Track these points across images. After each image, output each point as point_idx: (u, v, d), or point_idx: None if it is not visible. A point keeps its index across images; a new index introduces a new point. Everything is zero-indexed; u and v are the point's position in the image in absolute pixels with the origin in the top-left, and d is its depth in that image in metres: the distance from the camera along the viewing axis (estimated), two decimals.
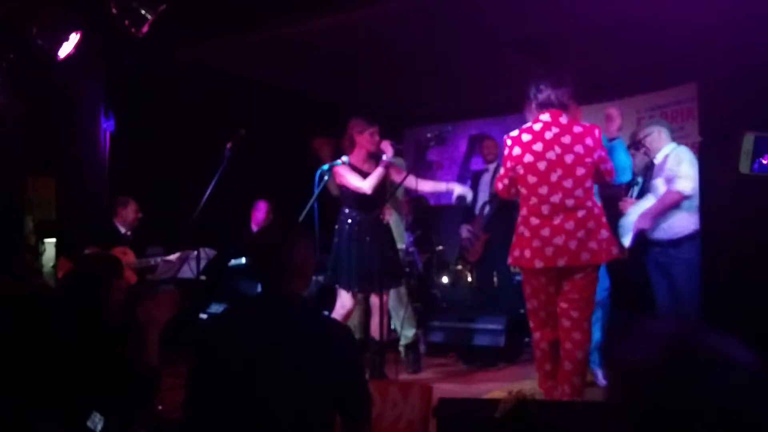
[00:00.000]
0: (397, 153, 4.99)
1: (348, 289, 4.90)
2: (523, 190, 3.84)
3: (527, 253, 3.78)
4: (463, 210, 6.59)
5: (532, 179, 3.80)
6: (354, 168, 4.94)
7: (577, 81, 7.00)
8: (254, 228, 6.59)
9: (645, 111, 7.10)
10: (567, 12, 5.19)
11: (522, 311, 4.43)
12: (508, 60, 6.36)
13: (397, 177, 4.99)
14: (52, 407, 2.12)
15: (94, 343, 2.20)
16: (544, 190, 3.77)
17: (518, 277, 5.77)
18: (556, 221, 3.75)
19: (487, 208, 6.32)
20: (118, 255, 5.49)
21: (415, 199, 7.41)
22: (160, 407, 3.62)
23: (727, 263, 3.90)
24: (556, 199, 3.75)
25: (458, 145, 8.80)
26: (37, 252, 6.77)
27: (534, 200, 3.79)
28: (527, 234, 3.79)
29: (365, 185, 4.84)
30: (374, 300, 4.93)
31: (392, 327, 5.50)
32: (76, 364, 2.16)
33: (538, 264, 3.76)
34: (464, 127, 8.68)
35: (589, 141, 3.81)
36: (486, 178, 6.52)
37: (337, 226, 5.03)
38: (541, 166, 3.78)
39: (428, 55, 6.28)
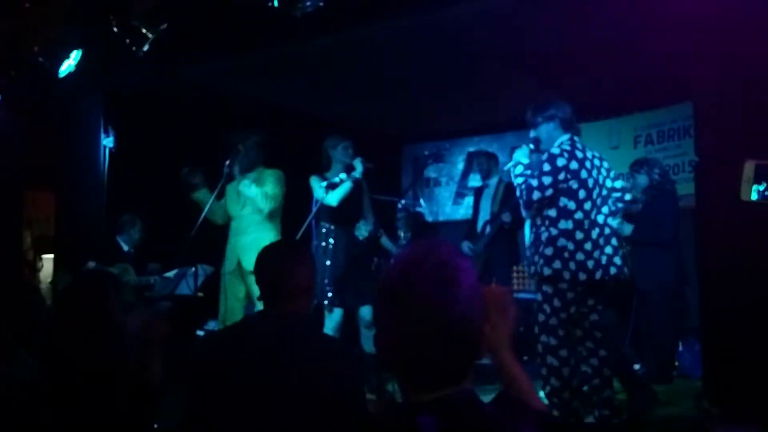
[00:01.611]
0: (368, 171, 4.98)
1: (323, 301, 4.87)
2: (571, 205, 3.87)
3: (572, 266, 3.82)
4: (467, 227, 6.61)
5: (582, 194, 3.89)
6: (331, 184, 4.92)
7: (574, 99, 7.08)
8: None
9: (642, 129, 7.13)
10: (564, 31, 5.23)
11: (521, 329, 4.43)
12: (506, 78, 6.41)
13: None
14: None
15: (97, 359, 2.19)
16: (588, 205, 3.89)
17: (521, 295, 5.80)
18: (594, 236, 3.86)
19: (488, 228, 6.28)
20: (118, 272, 5.51)
21: (413, 215, 7.41)
22: (156, 425, 3.61)
23: (724, 286, 3.90)
24: (593, 215, 3.89)
25: (456, 162, 8.84)
26: (35, 268, 6.77)
27: (580, 215, 3.87)
28: (571, 247, 3.83)
29: (331, 199, 4.83)
30: (363, 315, 4.94)
31: None
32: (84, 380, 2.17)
33: (582, 277, 3.83)
34: (462, 144, 8.72)
35: None
36: (488, 194, 6.49)
37: (314, 241, 5.02)
38: (590, 182, 3.92)
39: (427, 73, 6.32)
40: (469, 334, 1.26)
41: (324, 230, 4.97)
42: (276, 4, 4.16)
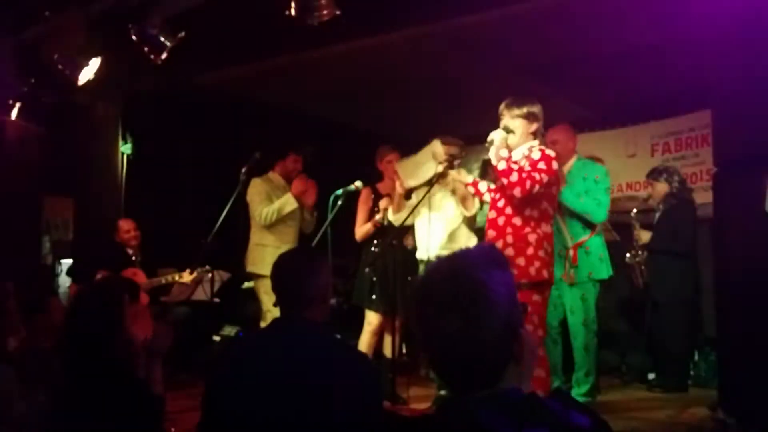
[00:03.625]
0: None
1: (375, 310, 4.96)
2: (550, 210, 3.86)
3: (550, 269, 3.83)
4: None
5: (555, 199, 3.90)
6: (379, 195, 5.08)
7: (591, 107, 7.05)
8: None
9: (659, 137, 7.08)
10: (582, 38, 5.22)
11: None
12: (522, 86, 6.38)
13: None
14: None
15: (107, 364, 2.20)
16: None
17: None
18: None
19: None
20: (129, 276, 5.52)
21: None
22: (172, 429, 3.63)
23: (741, 296, 3.87)
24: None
25: (472, 170, 8.78)
26: (54, 272, 6.82)
27: (551, 220, 3.89)
28: (549, 251, 3.82)
29: (357, 232, 5.12)
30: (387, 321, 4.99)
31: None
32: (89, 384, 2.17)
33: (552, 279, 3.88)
34: (478, 151, 8.68)
35: None
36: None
37: (362, 250, 5.15)
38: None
39: (443, 80, 6.32)
40: (505, 340, 1.28)
41: (371, 239, 5.10)
42: (293, 12, 4.18)
